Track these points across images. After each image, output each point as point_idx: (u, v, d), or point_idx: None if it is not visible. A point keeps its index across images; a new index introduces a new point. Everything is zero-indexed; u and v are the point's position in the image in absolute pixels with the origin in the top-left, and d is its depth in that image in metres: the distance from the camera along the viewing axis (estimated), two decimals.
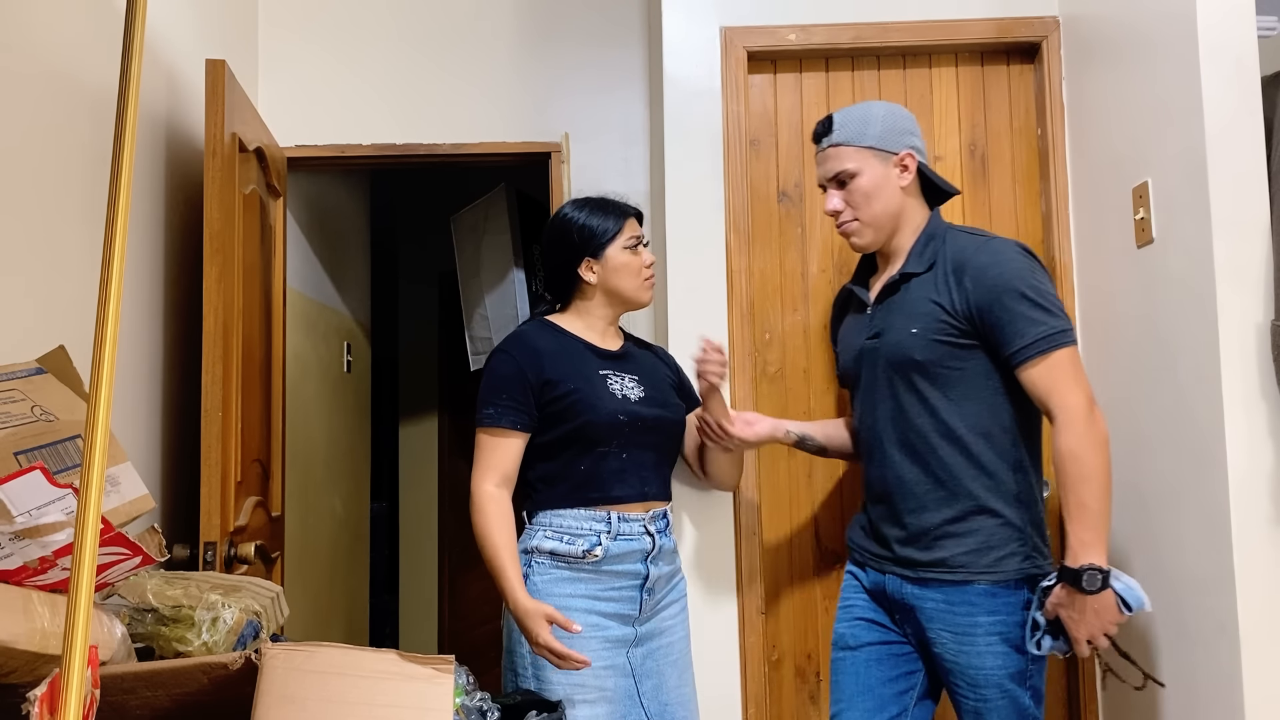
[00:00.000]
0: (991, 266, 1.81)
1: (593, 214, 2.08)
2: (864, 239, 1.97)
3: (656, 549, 2.00)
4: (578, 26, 3.10)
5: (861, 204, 1.93)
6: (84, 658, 0.98)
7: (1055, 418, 1.76)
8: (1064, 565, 1.75)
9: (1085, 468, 1.74)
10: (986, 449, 1.85)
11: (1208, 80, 1.92)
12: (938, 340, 1.84)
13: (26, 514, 1.21)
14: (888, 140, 1.93)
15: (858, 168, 1.92)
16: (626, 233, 2.07)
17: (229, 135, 2.35)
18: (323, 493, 3.84)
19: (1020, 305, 1.77)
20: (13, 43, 1.71)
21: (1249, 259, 1.89)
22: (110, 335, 1.09)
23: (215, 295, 2.26)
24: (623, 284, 2.07)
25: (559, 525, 1.97)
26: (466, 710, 1.58)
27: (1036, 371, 1.76)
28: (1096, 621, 1.75)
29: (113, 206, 1.14)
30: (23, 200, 1.74)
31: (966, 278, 1.82)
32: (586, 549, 1.94)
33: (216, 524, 2.21)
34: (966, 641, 1.84)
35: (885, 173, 1.93)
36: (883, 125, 1.93)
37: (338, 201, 4.15)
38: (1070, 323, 1.79)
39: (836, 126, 1.95)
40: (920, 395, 1.88)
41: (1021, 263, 1.82)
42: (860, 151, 1.92)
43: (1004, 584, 1.83)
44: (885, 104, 2.00)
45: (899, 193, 1.94)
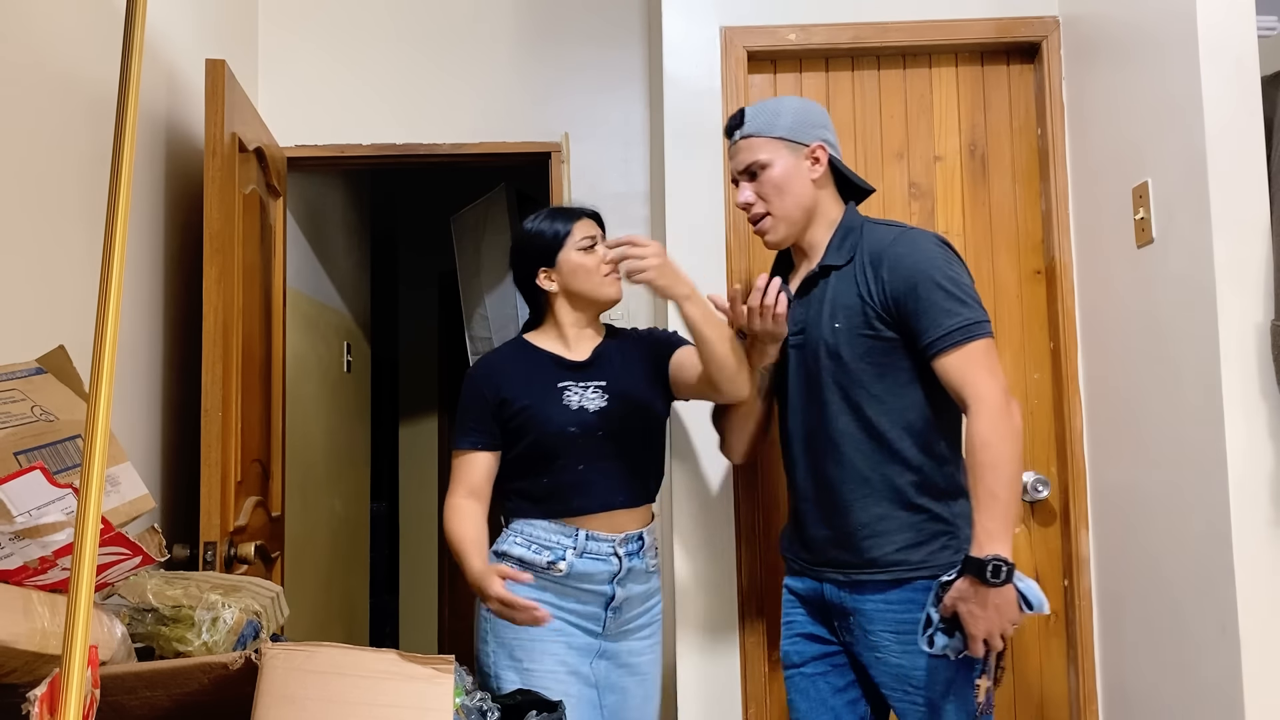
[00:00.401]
0: (907, 256, 1.80)
1: (541, 223, 2.08)
2: (777, 234, 1.94)
3: (624, 571, 1.99)
4: (578, 26, 3.10)
5: (773, 195, 1.90)
6: (84, 658, 0.98)
7: (969, 406, 1.73)
8: (968, 556, 1.68)
9: (996, 455, 1.69)
10: (910, 444, 1.82)
11: (1208, 80, 1.92)
12: (861, 334, 1.82)
13: (26, 514, 1.21)
14: (799, 132, 1.90)
15: (769, 158, 1.89)
16: (577, 234, 2.05)
17: (229, 135, 2.35)
18: (323, 493, 3.84)
19: (935, 295, 1.75)
20: (12, 43, 1.71)
21: (1249, 259, 1.89)
22: (110, 335, 1.09)
23: (215, 295, 2.26)
24: (582, 285, 2.05)
25: (529, 534, 2.00)
26: (466, 710, 1.58)
27: (951, 361, 1.74)
28: (997, 618, 1.66)
29: (113, 206, 1.14)
30: (23, 200, 1.74)
31: (884, 268, 1.80)
32: (551, 561, 1.96)
33: (216, 524, 2.21)
34: (909, 641, 1.77)
35: (796, 164, 1.90)
36: (794, 117, 1.91)
37: (338, 201, 4.15)
38: (986, 314, 1.77)
39: (748, 119, 1.92)
40: (843, 392, 1.84)
41: (937, 253, 1.80)
42: (771, 142, 1.89)
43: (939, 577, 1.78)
44: (798, 99, 2.00)
45: (810, 185, 1.91)
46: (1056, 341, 2.49)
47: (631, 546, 2.01)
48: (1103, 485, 2.39)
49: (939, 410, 1.83)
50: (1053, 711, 2.47)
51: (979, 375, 1.72)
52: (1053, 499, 2.50)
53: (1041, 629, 2.49)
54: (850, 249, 1.87)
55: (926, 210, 2.56)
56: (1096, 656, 2.41)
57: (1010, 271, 2.55)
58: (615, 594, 2.00)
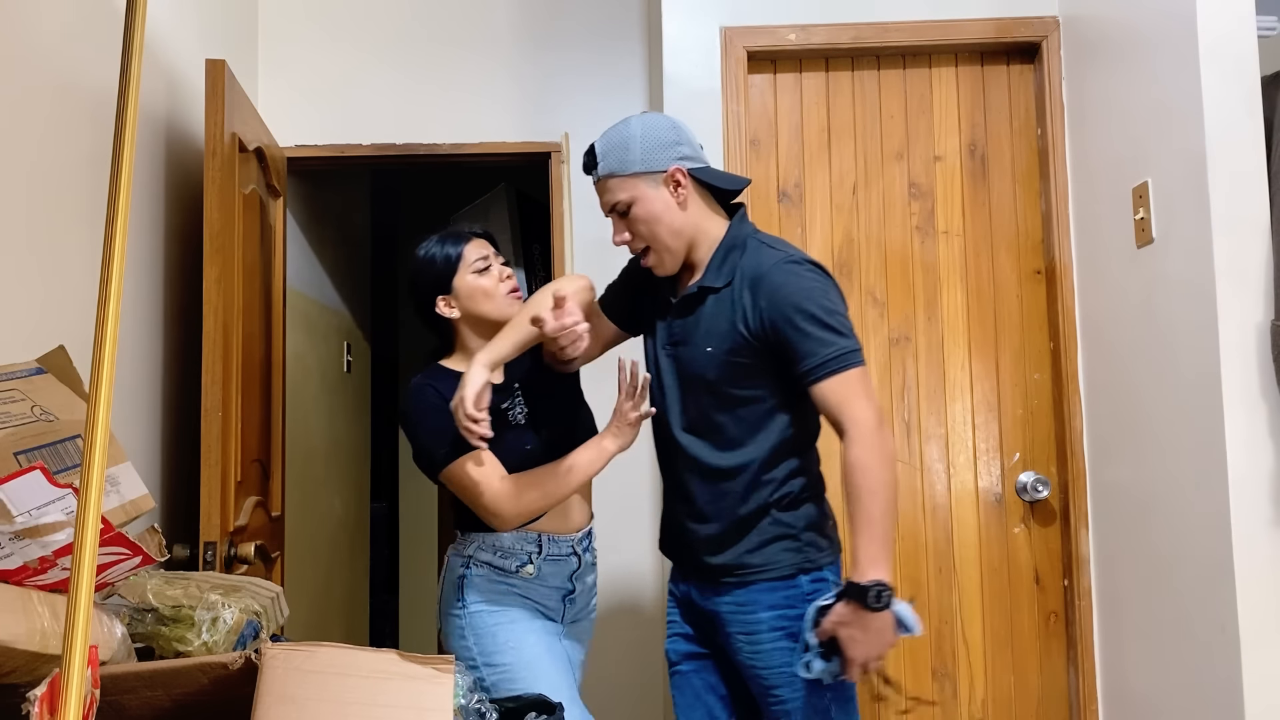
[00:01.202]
0: (784, 286, 1.77)
1: (433, 251, 2.00)
2: (664, 266, 1.88)
3: (581, 566, 2.04)
4: (578, 27, 3.10)
5: (645, 231, 1.85)
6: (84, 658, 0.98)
7: (845, 431, 1.73)
8: (850, 581, 1.69)
9: (873, 480, 1.71)
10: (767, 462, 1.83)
11: (1208, 80, 1.92)
12: (730, 360, 1.82)
13: (26, 514, 1.20)
14: (651, 161, 1.83)
15: (629, 197, 1.83)
16: (470, 256, 1.97)
17: (229, 135, 2.34)
18: (323, 493, 3.84)
19: (811, 326, 1.74)
20: (12, 43, 1.71)
21: (1249, 259, 1.89)
22: (110, 335, 1.09)
23: (215, 295, 2.26)
24: (483, 308, 1.97)
25: (494, 545, 1.98)
26: (466, 711, 1.58)
27: (827, 387, 1.74)
28: (877, 642, 1.68)
29: (113, 207, 1.14)
30: (23, 200, 1.74)
31: (761, 296, 1.78)
32: (519, 565, 1.98)
33: (216, 524, 2.21)
34: (754, 641, 1.82)
35: (661, 195, 1.83)
36: (642, 147, 1.83)
37: (338, 201, 4.15)
38: (859, 344, 1.76)
39: (600, 158, 1.86)
40: (707, 409, 1.86)
41: (814, 283, 1.79)
42: (627, 180, 1.83)
43: (781, 579, 1.82)
44: (643, 119, 1.87)
45: (680, 212, 1.84)
46: (1056, 341, 2.49)
47: (586, 543, 2.06)
48: (1103, 485, 2.39)
49: (796, 430, 1.85)
50: (1053, 711, 2.47)
51: (855, 401, 1.73)
52: (1053, 499, 2.50)
53: (1041, 629, 2.50)
54: (730, 271, 1.83)
55: (926, 210, 2.56)
56: (1096, 656, 2.41)
57: (1010, 271, 2.55)
58: (575, 588, 2.04)
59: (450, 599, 2.02)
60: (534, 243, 3.89)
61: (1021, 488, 2.51)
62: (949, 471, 2.52)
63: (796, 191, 2.57)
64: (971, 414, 2.53)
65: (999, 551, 2.51)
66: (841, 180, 2.58)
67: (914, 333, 2.55)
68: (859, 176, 2.58)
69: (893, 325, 2.55)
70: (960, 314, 2.55)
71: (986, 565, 2.51)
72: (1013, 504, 2.52)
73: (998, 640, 2.50)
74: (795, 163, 2.58)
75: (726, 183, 1.91)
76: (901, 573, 2.50)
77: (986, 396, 2.53)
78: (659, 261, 1.88)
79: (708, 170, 1.88)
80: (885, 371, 2.54)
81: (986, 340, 2.54)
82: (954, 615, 2.50)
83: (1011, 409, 2.53)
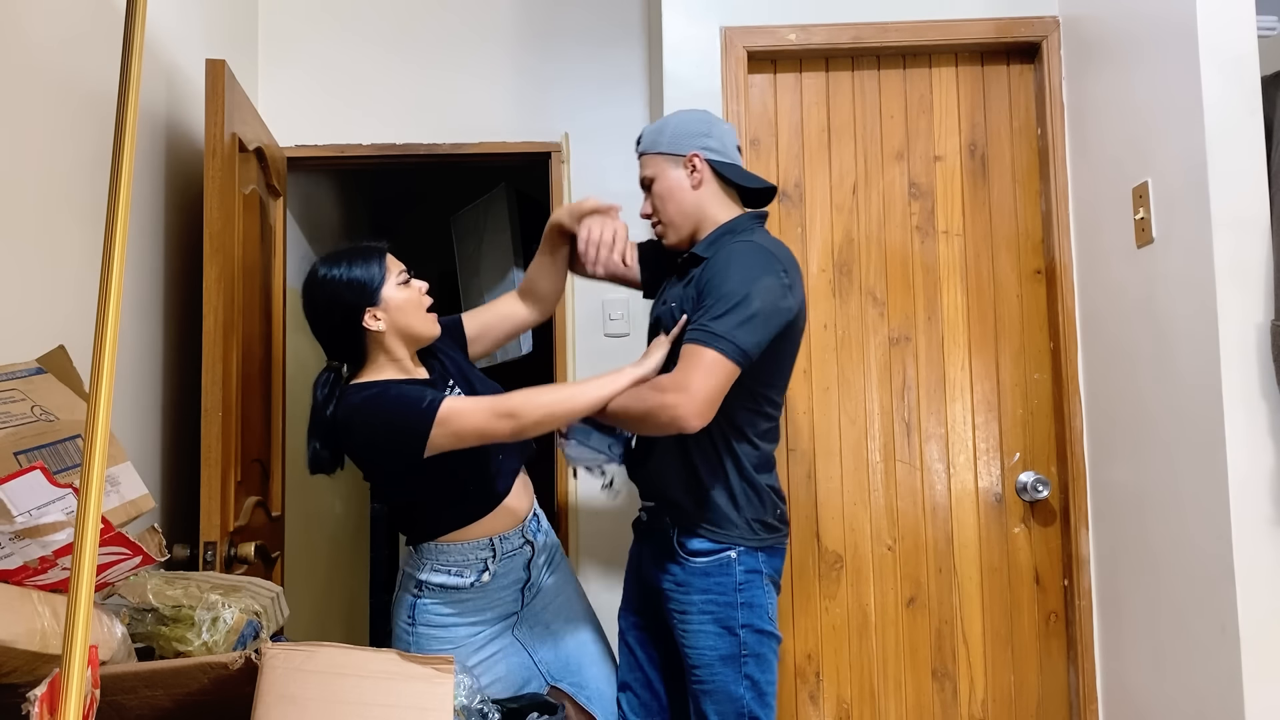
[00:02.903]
0: (722, 260, 1.89)
1: (353, 265, 1.96)
2: (669, 238, 2.04)
3: (535, 551, 2.04)
4: (578, 26, 3.09)
5: (660, 205, 2.03)
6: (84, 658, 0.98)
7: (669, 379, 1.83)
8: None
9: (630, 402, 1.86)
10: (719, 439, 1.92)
11: (1208, 80, 1.92)
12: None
13: (26, 514, 1.20)
14: (677, 144, 2.01)
15: (654, 173, 2.03)
16: (392, 270, 1.97)
17: (229, 135, 2.34)
18: (323, 493, 3.84)
19: (716, 296, 1.83)
20: (12, 42, 1.71)
21: (1249, 259, 1.89)
22: (110, 335, 1.09)
23: (215, 295, 2.26)
24: (410, 320, 1.97)
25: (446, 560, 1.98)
26: (467, 711, 1.58)
27: (688, 350, 1.83)
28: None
29: (113, 206, 1.14)
30: (23, 200, 1.74)
31: (710, 266, 1.90)
32: (474, 579, 1.98)
33: (216, 524, 2.21)
34: (686, 621, 1.92)
35: (677, 175, 2.00)
36: (673, 131, 2.02)
37: (338, 201, 4.15)
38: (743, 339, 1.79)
39: (643, 137, 2.07)
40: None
41: (751, 272, 1.85)
42: (655, 158, 2.03)
43: (717, 564, 1.91)
44: (687, 111, 2.08)
45: (691, 193, 2.00)
46: (1056, 341, 2.49)
47: (534, 525, 2.06)
48: (1103, 485, 2.39)
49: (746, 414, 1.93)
50: (1053, 711, 2.47)
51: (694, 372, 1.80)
52: (1053, 499, 2.50)
53: (1041, 629, 2.50)
54: (716, 249, 1.94)
55: (926, 210, 2.56)
56: (1096, 656, 2.41)
57: (1010, 271, 2.55)
58: (531, 575, 2.04)
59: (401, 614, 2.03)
60: (534, 243, 3.89)
61: (1021, 488, 2.51)
62: (949, 471, 2.52)
63: (796, 191, 2.57)
64: (971, 414, 2.53)
65: (999, 551, 2.51)
66: (841, 180, 2.58)
67: (914, 333, 2.55)
68: (859, 176, 2.58)
69: (893, 325, 2.55)
70: (960, 314, 2.55)
71: (986, 565, 2.51)
72: (1013, 504, 2.52)
73: (998, 640, 2.50)
74: (795, 163, 2.58)
75: (744, 180, 2.03)
76: (901, 573, 2.50)
77: (986, 396, 2.53)
78: (665, 234, 2.04)
79: (729, 166, 2.01)
80: (885, 371, 2.54)
81: (986, 340, 2.54)
82: (954, 615, 2.50)
83: (1011, 409, 2.53)
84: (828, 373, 2.53)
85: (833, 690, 2.48)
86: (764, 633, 1.90)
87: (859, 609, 2.50)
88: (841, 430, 2.52)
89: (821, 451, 2.52)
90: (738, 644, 1.89)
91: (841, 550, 2.50)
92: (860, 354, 2.54)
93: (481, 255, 4.03)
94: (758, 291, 1.82)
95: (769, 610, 1.92)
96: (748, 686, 1.89)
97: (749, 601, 1.89)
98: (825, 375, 2.53)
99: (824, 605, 2.49)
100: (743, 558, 1.90)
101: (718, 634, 1.89)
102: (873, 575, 2.50)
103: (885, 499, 2.51)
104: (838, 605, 2.50)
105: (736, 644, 1.89)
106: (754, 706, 1.88)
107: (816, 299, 2.54)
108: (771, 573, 1.94)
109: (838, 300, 2.55)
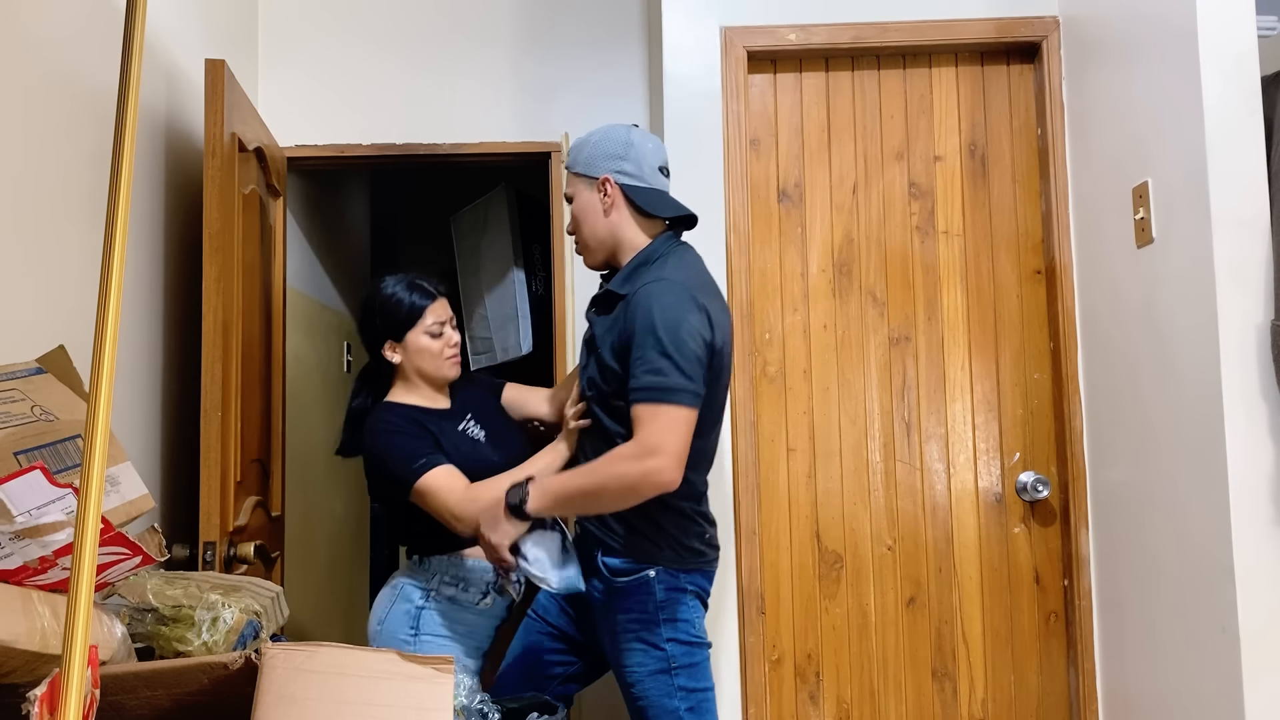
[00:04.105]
0: (643, 305, 1.84)
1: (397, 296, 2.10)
2: (588, 259, 2.04)
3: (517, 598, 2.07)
4: (578, 27, 3.09)
5: (576, 226, 2.02)
6: (84, 658, 0.98)
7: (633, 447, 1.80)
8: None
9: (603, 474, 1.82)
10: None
11: (1208, 80, 1.92)
12: (611, 369, 1.89)
13: (27, 514, 1.20)
14: (592, 165, 1.98)
15: (572, 192, 2.01)
16: (429, 318, 2.09)
17: (228, 135, 2.34)
18: (323, 493, 3.84)
19: (650, 347, 1.80)
20: (12, 42, 1.71)
21: (1249, 259, 1.89)
22: (110, 335, 1.09)
23: (215, 295, 2.26)
24: (426, 366, 2.10)
25: (455, 574, 2.07)
26: (467, 711, 1.58)
27: (642, 410, 1.80)
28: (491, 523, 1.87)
29: (113, 206, 1.14)
30: (23, 200, 1.74)
31: (630, 312, 1.86)
32: (479, 597, 2.08)
33: (216, 524, 2.20)
34: (615, 641, 1.94)
35: (590, 197, 1.98)
36: (590, 151, 1.99)
37: (338, 201, 4.15)
38: (694, 382, 1.78)
39: (568, 152, 2.06)
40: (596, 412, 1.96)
41: (672, 314, 1.82)
42: (573, 177, 2.01)
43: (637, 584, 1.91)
44: (609, 128, 2.02)
45: (603, 217, 1.97)
46: (1056, 341, 2.49)
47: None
48: (1103, 485, 2.39)
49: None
50: (1053, 711, 2.47)
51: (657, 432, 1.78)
52: (1053, 499, 2.50)
53: (1041, 629, 2.50)
54: (634, 287, 1.90)
55: (926, 210, 2.56)
56: (1096, 656, 2.41)
57: (1010, 271, 2.55)
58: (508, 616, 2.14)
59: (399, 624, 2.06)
60: (534, 243, 3.89)
61: (1021, 488, 2.51)
62: (949, 471, 2.52)
63: (796, 191, 2.57)
64: (971, 414, 2.53)
65: (999, 551, 2.51)
66: (841, 180, 2.58)
67: (914, 333, 2.55)
68: (859, 176, 2.58)
69: (893, 325, 2.55)
70: (960, 314, 2.55)
71: (986, 565, 2.51)
72: (1013, 504, 2.52)
73: (998, 640, 2.50)
74: (795, 162, 2.58)
75: (657, 209, 1.98)
76: (901, 573, 2.50)
77: (986, 396, 2.53)
78: (584, 254, 2.05)
79: (643, 191, 1.96)
80: (885, 371, 2.54)
81: (986, 340, 2.55)
82: (954, 615, 2.50)
83: (1011, 409, 2.53)
84: (828, 373, 2.53)
85: (833, 690, 2.48)
86: (690, 643, 1.91)
87: (859, 609, 2.50)
88: (841, 430, 2.53)
89: (821, 451, 2.52)
90: (665, 658, 1.90)
91: (841, 550, 2.50)
92: (860, 354, 2.54)
93: (481, 255, 4.03)
94: (686, 333, 1.79)
95: (694, 623, 1.92)
96: (682, 698, 1.90)
97: (672, 617, 1.90)
98: (825, 375, 2.53)
99: (824, 605, 2.49)
100: (662, 576, 1.90)
101: (644, 650, 1.90)
102: (873, 575, 2.50)
103: (885, 499, 2.51)
104: (838, 605, 2.50)
105: (664, 658, 1.90)
106: (688, 718, 1.90)
107: (816, 299, 2.54)
108: (697, 589, 1.94)
109: (838, 300, 2.55)
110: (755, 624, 2.41)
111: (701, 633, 1.94)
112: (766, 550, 2.47)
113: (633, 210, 1.96)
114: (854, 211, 2.57)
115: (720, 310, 1.90)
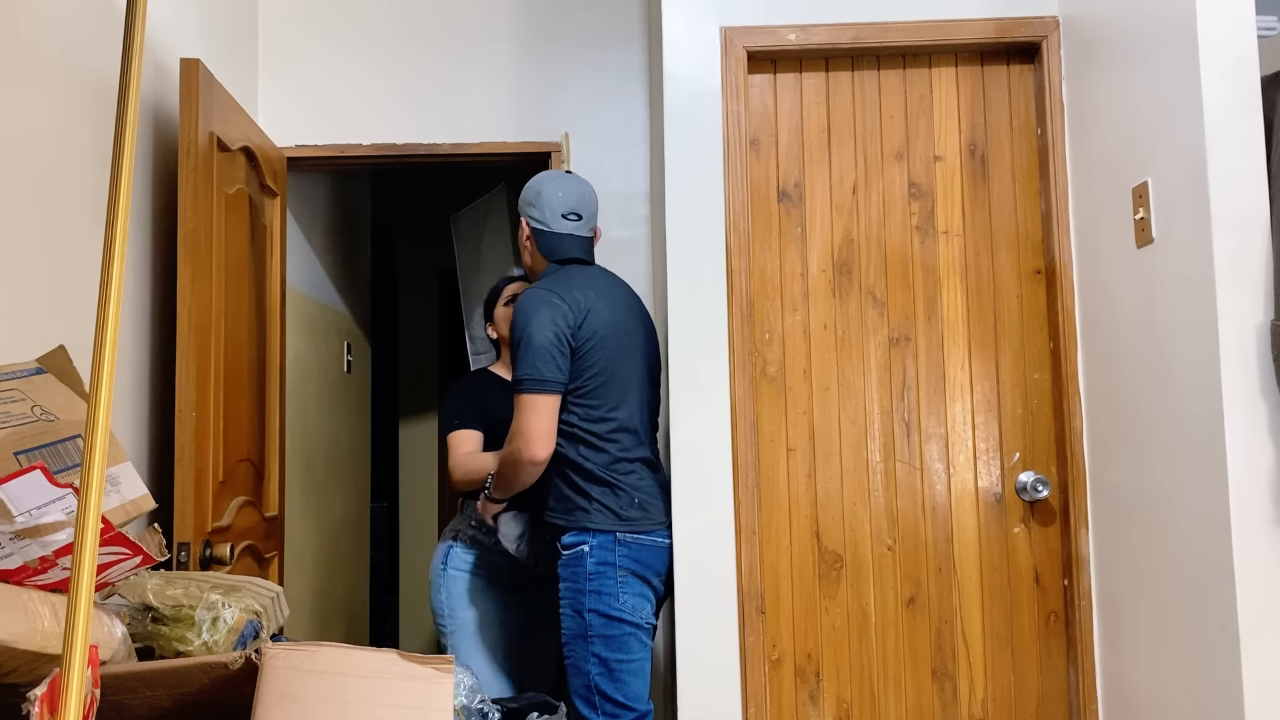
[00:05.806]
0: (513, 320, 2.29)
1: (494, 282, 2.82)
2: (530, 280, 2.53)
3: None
4: (578, 27, 3.09)
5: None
6: (84, 657, 0.98)
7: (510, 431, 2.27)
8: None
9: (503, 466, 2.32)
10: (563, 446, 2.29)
11: (1208, 80, 1.92)
12: None
13: (27, 514, 1.20)
14: (520, 205, 2.47)
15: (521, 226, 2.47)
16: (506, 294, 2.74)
17: (204, 134, 2.31)
18: (323, 493, 3.84)
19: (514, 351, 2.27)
20: (11, 41, 1.71)
21: (1249, 259, 1.89)
22: (110, 335, 1.09)
23: (189, 295, 2.24)
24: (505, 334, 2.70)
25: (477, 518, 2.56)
26: (467, 711, 1.58)
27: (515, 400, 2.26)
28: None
29: (113, 207, 1.14)
30: (22, 201, 1.73)
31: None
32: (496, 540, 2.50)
33: (191, 524, 2.18)
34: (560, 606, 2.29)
35: (523, 233, 2.47)
36: (523, 192, 2.46)
37: (338, 201, 4.14)
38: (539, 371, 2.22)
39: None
40: None
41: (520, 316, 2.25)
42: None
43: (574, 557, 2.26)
44: (546, 173, 2.49)
45: (527, 250, 2.47)
46: (1056, 341, 2.49)
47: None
48: (1103, 485, 2.39)
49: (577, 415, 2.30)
50: (1053, 711, 2.47)
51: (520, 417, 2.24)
52: (1053, 499, 2.50)
53: (1041, 629, 2.50)
54: None
55: (926, 210, 2.56)
56: (1096, 656, 2.41)
57: (1010, 271, 2.55)
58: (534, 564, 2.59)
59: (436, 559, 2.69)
60: None
61: (1021, 488, 2.51)
62: (949, 471, 2.52)
63: (796, 191, 2.57)
64: (971, 414, 2.53)
65: (999, 551, 2.51)
66: (841, 180, 2.58)
67: (914, 333, 2.55)
68: (859, 176, 2.58)
69: (893, 325, 2.55)
70: (960, 314, 2.55)
71: (986, 565, 2.51)
72: (1013, 504, 2.52)
73: (998, 640, 2.50)
74: (795, 163, 2.58)
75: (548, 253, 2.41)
76: (901, 572, 2.50)
77: (986, 396, 2.53)
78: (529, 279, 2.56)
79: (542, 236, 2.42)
80: (885, 371, 2.54)
81: (986, 340, 2.55)
82: (954, 615, 2.50)
83: (1011, 409, 2.53)
84: (828, 373, 2.53)
85: (832, 690, 2.48)
86: (611, 617, 2.21)
87: (859, 609, 2.50)
88: (841, 430, 2.53)
89: (821, 451, 2.52)
90: (584, 625, 2.22)
91: (841, 550, 2.50)
92: (860, 354, 2.54)
93: (481, 255, 4.03)
94: (534, 328, 2.21)
95: (618, 598, 2.22)
96: (595, 663, 2.21)
97: (598, 590, 2.22)
98: (825, 375, 2.53)
99: (824, 605, 2.49)
100: (595, 551, 2.23)
101: (571, 616, 2.25)
102: (873, 575, 2.50)
103: (885, 499, 2.51)
104: (837, 605, 2.50)
105: (584, 625, 2.22)
106: (600, 681, 2.20)
107: (816, 299, 2.54)
108: (632, 565, 2.25)
109: (837, 300, 2.55)
110: (755, 624, 2.41)
111: (627, 609, 2.22)
112: (766, 550, 2.47)
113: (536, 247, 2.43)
114: (854, 211, 2.57)
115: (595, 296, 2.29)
